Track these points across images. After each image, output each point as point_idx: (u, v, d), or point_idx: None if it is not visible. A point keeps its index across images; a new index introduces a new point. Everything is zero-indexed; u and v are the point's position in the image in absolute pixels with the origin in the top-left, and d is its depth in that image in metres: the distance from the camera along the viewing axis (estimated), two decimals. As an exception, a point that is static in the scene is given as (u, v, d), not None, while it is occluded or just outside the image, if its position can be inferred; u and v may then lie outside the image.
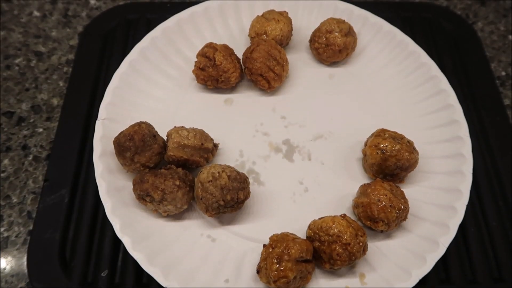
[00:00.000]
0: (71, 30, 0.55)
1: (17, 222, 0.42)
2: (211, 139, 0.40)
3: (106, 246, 0.40)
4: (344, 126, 0.45)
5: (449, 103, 0.44)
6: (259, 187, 0.41)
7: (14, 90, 0.50)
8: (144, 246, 0.36)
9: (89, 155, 0.44)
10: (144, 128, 0.37)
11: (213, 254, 0.37)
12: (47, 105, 0.49)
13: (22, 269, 0.40)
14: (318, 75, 0.48)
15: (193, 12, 0.49)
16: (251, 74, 0.44)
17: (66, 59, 0.53)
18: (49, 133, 0.47)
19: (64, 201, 0.42)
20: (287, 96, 0.46)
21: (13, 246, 0.41)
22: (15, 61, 0.52)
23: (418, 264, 0.36)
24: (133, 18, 0.54)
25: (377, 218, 0.36)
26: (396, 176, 0.40)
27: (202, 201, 0.36)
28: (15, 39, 0.54)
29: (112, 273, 0.39)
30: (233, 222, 0.39)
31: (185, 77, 0.47)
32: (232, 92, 0.46)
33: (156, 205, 0.36)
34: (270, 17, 0.46)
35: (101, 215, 0.41)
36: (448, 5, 0.60)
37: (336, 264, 0.34)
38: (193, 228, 0.39)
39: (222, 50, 0.43)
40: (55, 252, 0.39)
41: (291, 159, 0.43)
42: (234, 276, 0.36)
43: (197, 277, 0.36)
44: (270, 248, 0.34)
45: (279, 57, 0.44)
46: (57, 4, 0.58)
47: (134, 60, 0.45)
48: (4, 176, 0.45)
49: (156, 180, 0.36)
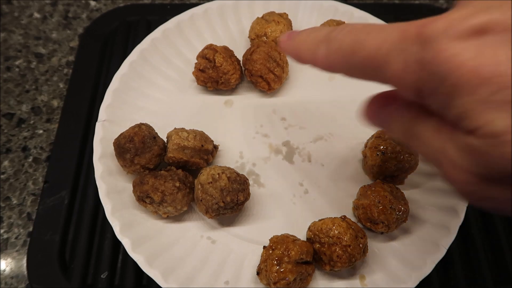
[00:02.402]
0: (72, 31, 0.56)
1: (17, 224, 0.42)
2: (211, 141, 0.40)
3: (106, 248, 0.40)
4: (344, 128, 0.45)
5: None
6: (259, 188, 0.41)
7: (14, 92, 0.50)
8: (144, 248, 0.36)
9: (89, 157, 0.44)
10: (144, 130, 0.37)
11: (213, 256, 0.37)
12: (47, 107, 0.49)
13: (21, 271, 0.40)
14: (318, 77, 0.48)
15: (193, 14, 0.49)
16: (251, 75, 0.44)
17: (66, 60, 0.53)
18: (49, 134, 0.47)
19: (64, 203, 0.42)
20: (287, 98, 0.46)
21: (13, 247, 0.41)
22: (15, 62, 0.52)
23: (419, 266, 0.36)
24: (133, 20, 0.55)
25: (377, 220, 0.36)
26: (396, 178, 0.40)
27: (202, 202, 0.36)
28: (15, 40, 0.54)
29: (112, 275, 0.39)
30: (233, 224, 0.39)
31: (185, 79, 0.47)
32: (232, 94, 0.46)
33: (156, 206, 0.36)
34: (270, 18, 0.46)
35: (101, 217, 0.41)
36: (448, 7, 0.60)
37: (336, 266, 0.34)
38: (193, 229, 0.39)
39: (222, 52, 0.43)
40: (55, 254, 0.39)
41: (291, 161, 0.43)
42: (234, 278, 0.36)
43: (197, 279, 0.36)
44: (270, 249, 0.34)
45: (279, 58, 0.44)
46: (57, 6, 0.58)
47: (134, 62, 0.45)
48: (4, 178, 0.45)
49: (156, 181, 0.36)
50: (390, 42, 0.19)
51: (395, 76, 0.19)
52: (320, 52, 0.22)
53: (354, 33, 0.21)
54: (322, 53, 0.22)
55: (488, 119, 0.15)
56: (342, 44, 0.21)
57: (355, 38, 0.20)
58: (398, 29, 0.18)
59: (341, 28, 0.22)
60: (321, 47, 0.22)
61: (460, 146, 0.17)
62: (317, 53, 0.23)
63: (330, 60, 0.22)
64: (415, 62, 0.17)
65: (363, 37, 0.20)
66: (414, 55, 0.17)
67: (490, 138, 0.15)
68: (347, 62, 0.21)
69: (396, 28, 0.19)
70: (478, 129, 0.16)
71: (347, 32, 0.21)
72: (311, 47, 0.23)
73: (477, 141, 0.16)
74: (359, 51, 0.20)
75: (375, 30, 0.20)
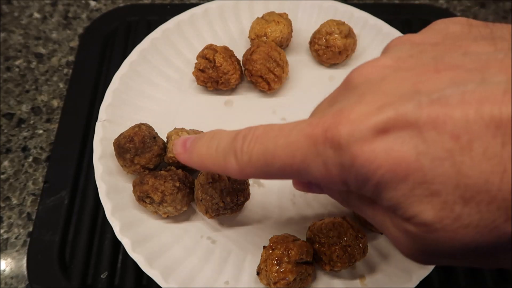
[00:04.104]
0: (72, 31, 0.56)
1: (17, 224, 0.42)
2: (211, 141, 0.40)
3: (106, 248, 0.40)
4: (344, 128, 0.45)
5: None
6: (259, 188, 0.41)
7: (14, 92, 0.50)
8: (144, 248, 0.36)
9: (89, 157, 0.44)
10: (144, 130, 0.37)
11: (213, 256, 0.37)
12: (47, 107, 0.49)
13: (21, 271, 0.40)
14: (318, 77, 0.48)
15: (193, 14, 0.49)
16: (251, 75, 0.44)
17: (66, 60, 0.53)
18: (49, 134, 0.47)
19: (64, 203, 0.42)
20: (287, 98, 0.46)
21: (13, 247, 0.41)
22: (15, 62, 0.52)
23: (419, 266, 0.36)
24: (133, 20, 0.55)
25: (377, 220, 0.36)
26: (396, 178, 0.40)
27: (202, 202, 0.36)
28: (15, 41, 0.54)
29: (112, 275, 0.39)
30: (233, 224, 0.39)
31: (185, 79, 0.47)
32: (232, 94, 0.46)
33: (156, 206, 0.36)
34: (270, 18, 0.46)
35: (101, 217, 0.41)
36: (448, 6, 0.60)
37: (336, 266, 0.34)
38: (193, 230, 0.39)
39: (222, 52, 0.43)
40: (55, 254, 0.39)
41: (291, 161, 0.43)
42: (234, 278, 0.36)
43: (197, 279, 0.36)
44: (270, 249, 0.34)
45: (279, 58, 0.44)
46: (57, 6, 0.58)
47: (134, 62, 0.45)
48: (4, 178, 0.45)
49: (156, 181, 0.36)
50: (302, 149, 0.18)
51: (319, 177, 0.19)
52: (231, 166, 0.21)
53: (260, 142, 0.20)
54: (233, 167, 0.21)
55: (416, 211, 0.16)
56: (251, 157, 0.20)
57: (263, 149, 0.20)
58: (304, 134, 0.18)
59: (243, 137, 0.21)
60: (229, 159, 0.21)
61: (399, 228, 0.18)
62: (227, 167, 0.22)
63: (246, 173, 0.21)
64: (335, 166, 0.18)
65: (271, 148, 0.19)
66: (332, 159, 0.18)
67: (424, 226, 0.17)
68: (263, 172, 0.20)
69: (301, 133, 0.18)
70: (411, 218, 0.17)
71: (251, 143, 0.20)
72: (217, 161, 0.22)
73: (414, 227, 0.17)
74: (272, 163, 0.20)
75: (280, 138, 0.19)
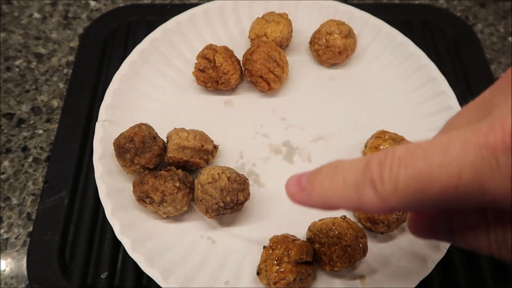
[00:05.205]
0: (71, 31, 0.56)
1: (17, 224, 0.42)
2: (211, 141, 0.40)
3: (106, 248, 0.40)
4: (344, 128, 0.45)
5: (449, 105, 0.44)
6: (259, 188, 0.41)
7: (14, 92, 0.50)
8: (144, 248, 0.36)
9: (89, 157, 0.44)
10: (144, 130, 0.37)
11: (213, 256, 0.37)
12: (47, 107, 0.49)
13: (21, 271, 0.40)
14: (318, 77, 0.48)
15: (193, 14, 0.49)
16: (251, 75, 0.44)
17: (66, 60, 0.53)
18: (49, 134, 0.47)
19: (64, 203, 0.41)
20: (287, 98, 0.46)
21: (13, 247, 0.41)
22: (15, 62, 0.52)
23: (419, 266, 0.36)
24: (133, 20, 0.55)
25: (377, 220, 0.36)
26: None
27: (202, 202, 0.36)
28: (15, 41, 0.54)
29: (112, 275, 0.39)
30: (233, 224, 0.39)
31: (185, 79, 0.47)
32: (232, 94, 0.46)
33: (156, 206, 0.36)
34: (270, 18, 0.46)
35: (101, 217, 0.41)
36: (448, 7, 0.60)
37: (336, 266, 0.34)
38: (193, 229, 0.39)
39: (222, 52, 0.43)
40: (55, 254, 0.39)
41: (291, 161, 0.43)
42: (234, 278, 0.36)
43: (197, 279, 0.36)
44: (270, 249, 0.34)
45: (279, 58, 0.44)
46: (57, 6, 0.58)
47: (134, 62, 0.45)
48: (4, 178, 0.44)
49: (156, 181, 0.36)
50: (472, 164, 0.15)
51: (502, 196, 0.15)
52: (369, 199, 0.18)
53: (407, 165, 0.17)
54: (372, 200, 0.18)
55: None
56: (397, 185, 0.17)
57: (413, 172, 0.17)
58: (473, 145, 0.15)
59: (378, 163, 0.18)
60: (364, 192, 0.18)
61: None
62: (363, 201, 0.18)
63: (390, 205, 0.18)
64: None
65: (425, 170, 0.16)
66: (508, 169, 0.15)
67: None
68: (415, 200, 0.17)
69: (468, 144, 0.15)
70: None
71: (394, 168, 0.17)
72: (347, 196, 0.19)
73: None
74: (428, 189, 0.16)
75: (435, 155, 0.16)
